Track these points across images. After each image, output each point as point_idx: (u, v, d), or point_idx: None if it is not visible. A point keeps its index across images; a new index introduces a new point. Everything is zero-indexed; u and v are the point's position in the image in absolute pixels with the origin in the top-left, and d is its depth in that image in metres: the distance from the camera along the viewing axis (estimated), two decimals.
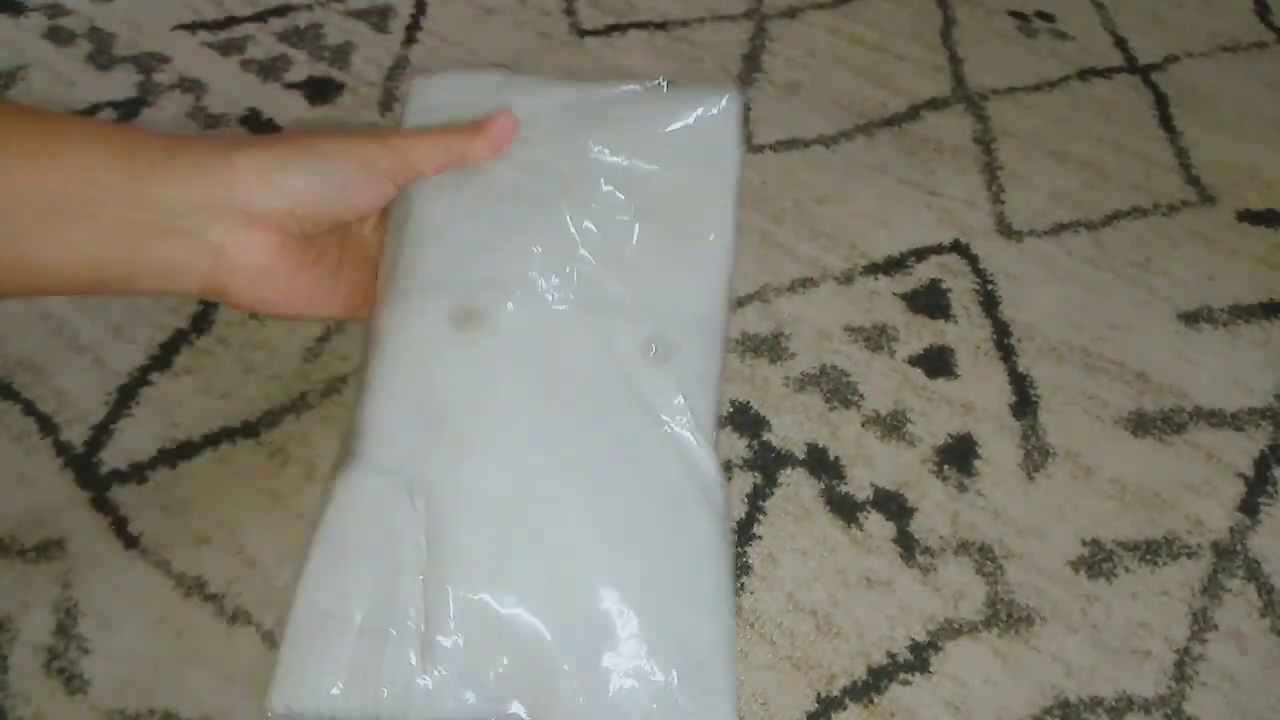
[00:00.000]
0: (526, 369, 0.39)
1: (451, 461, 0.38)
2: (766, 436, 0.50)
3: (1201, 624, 0.45)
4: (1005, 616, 0.45)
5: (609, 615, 0.36)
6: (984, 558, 0.46)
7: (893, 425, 0.51)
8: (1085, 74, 0.71)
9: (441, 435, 0.38)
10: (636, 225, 0.42)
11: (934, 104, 0.68)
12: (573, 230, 0.41)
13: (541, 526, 0.37)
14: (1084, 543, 0.47)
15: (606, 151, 0.43)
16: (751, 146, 0.64)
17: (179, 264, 0.36)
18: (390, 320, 0.40)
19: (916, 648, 0.44)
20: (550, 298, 0.40)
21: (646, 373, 0.40)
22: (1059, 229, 0.60)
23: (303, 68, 0.68)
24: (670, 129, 0.44)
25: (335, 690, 0.35)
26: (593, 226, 0.42)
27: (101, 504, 0.47)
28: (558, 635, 0.36)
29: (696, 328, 0.42)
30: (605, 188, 0.43)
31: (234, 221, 0.36)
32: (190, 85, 0.66)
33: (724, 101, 0.44)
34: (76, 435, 0.49)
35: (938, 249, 0.59)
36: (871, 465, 0.49)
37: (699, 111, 0.44)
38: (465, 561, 0.36)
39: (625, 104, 0.45)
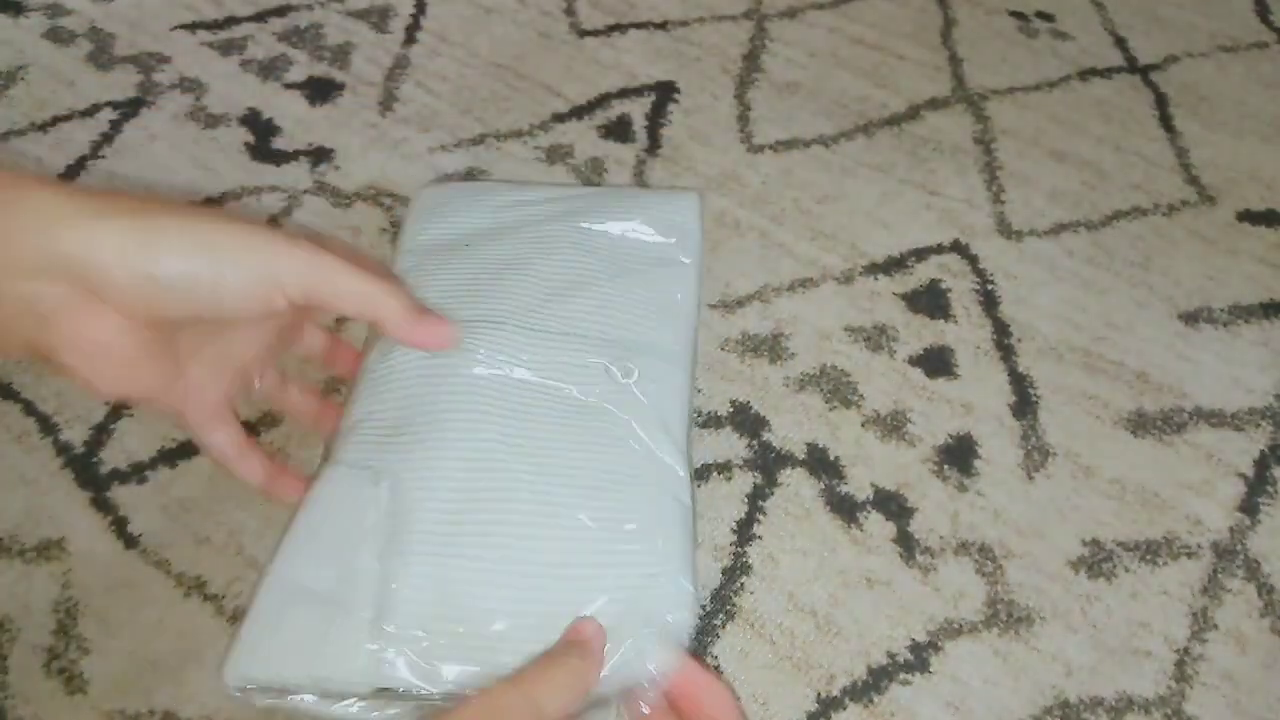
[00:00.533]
0: (489, 378, 0.42)
1: (412, 451, 0.39)
2: (766, 436, 0.50)
3: (1201, 624, 0.45)
4: (1005, 616, 0.45)
5: (559, 588, 0.37)
6: (984, 558, 0.46)
7: (893, 425, 0.51)
8: (1085, 74, 0.71)
9: (406, 433, 0.40)
10: (606, 280, 0.46)
11: (934, 104, 0.68)
12: (545, 282, 0.45)
13: (495, 506, 0.38)
14: (1084, 543, 0.47)
15: (585, 224, 0.49)
16: (751, 146, 0.64)
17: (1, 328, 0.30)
18: (371, 356, 0.43)
19: (916, 648, 0.44)
20: (519, 329, 0.43)
21: (608, 384, 0.43)
22: (1059, 229, 0.60)
23: (303, 68, 0.68)
24: (644, 210, 0.50)
25: (289, 660, 0.35)
26: (565, 279, 0.46)
27: (101, 504, 0.47)
28: (508, 607, 0.37)
29: (661, 359, 0.45)
30: (581, 250, 0.47)
31: (71, 294, 0.30)
32: (190, 85, 0.66)
33: (690, 198, 0.52)
34: (76, 435, 0.49)
35: (938, 249, 0.59)
36: (871, 465, 0.49)
37: (669, 202, 0.51)
38: (420, 538, 0.37)
39: (606, 192, 0.53)
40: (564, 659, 0.34)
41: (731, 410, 0.51)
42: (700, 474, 0.49)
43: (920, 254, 0.59)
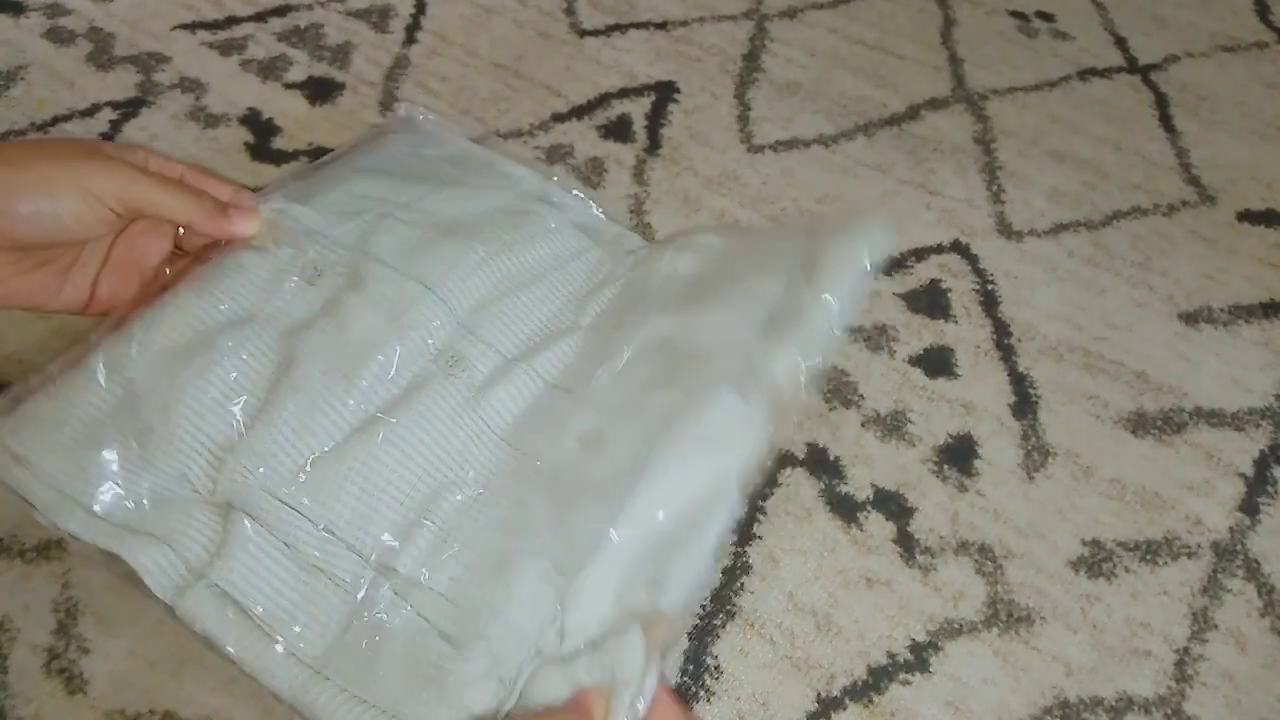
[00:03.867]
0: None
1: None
2: None
3: (1201, 624, 0.45)
4: (1005, 616, 0.45)
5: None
6: (984, 558, 0.46)
7: (893, 425, 0.51)
8: (1085, 74, 0.71)
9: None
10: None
11: (934, 104, 0.68)
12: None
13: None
14: (1084, 543, 0.47)
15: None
16: (751, 146, 0.64)
17: None
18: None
19: (916, 648, 0.44)
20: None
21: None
22: (1059, 229, 0.60)
23: (303, 68, 0.68)
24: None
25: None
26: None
27: None
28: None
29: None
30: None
31: None
32: (190, 85, 0.66)
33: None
34: None
35: (938, 249, 0.59)
36: (871, 465, 0.49)
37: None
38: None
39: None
40: (560, 717, 0.36)
41: None
42: None
43: (920, 254, 0.59)
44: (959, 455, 0.50)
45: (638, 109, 0.66)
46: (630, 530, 0.39)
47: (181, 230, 0.45)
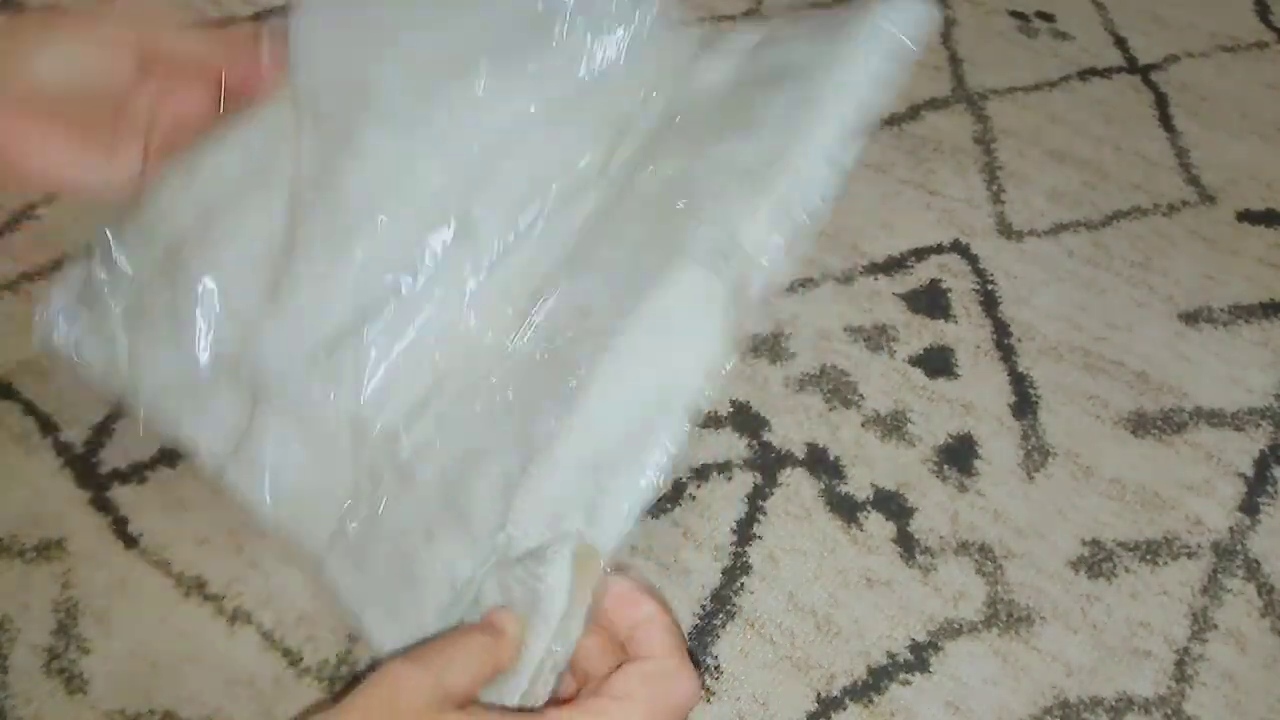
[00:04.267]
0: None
1: None
2: (766, 436, 0.50)
3: (1201, 624, 0.45)
4: (1005, 616, 0.45)
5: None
6: (984, 558, 0.46)
7: (893, 425, 0.51)
8: (1085, 74, 0.71)
9: None
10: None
11: (934, 104, 0.68)
12: None
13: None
14: (1084, 543, 0.47)
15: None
16: None
17: None
18: None
19: (916, 648, 0.44)
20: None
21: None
22: (1059, 229, 0.60)
23: None
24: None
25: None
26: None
27: (101, 504, 0.47)
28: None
29: None
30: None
31: None
32: None
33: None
34: (76, 435, 0.49)
35: (938, 249, 0.59)
36: (871, 465, 0.49)
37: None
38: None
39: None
40: (471, 636, 0.33)
41: (731, 410, 0.51)
42: (700, 474, 0.49)
43: (920, 254, 0.59)
44: (959, 455, 0.50)
45: None
46: (573, 437, 0.36)
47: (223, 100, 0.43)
